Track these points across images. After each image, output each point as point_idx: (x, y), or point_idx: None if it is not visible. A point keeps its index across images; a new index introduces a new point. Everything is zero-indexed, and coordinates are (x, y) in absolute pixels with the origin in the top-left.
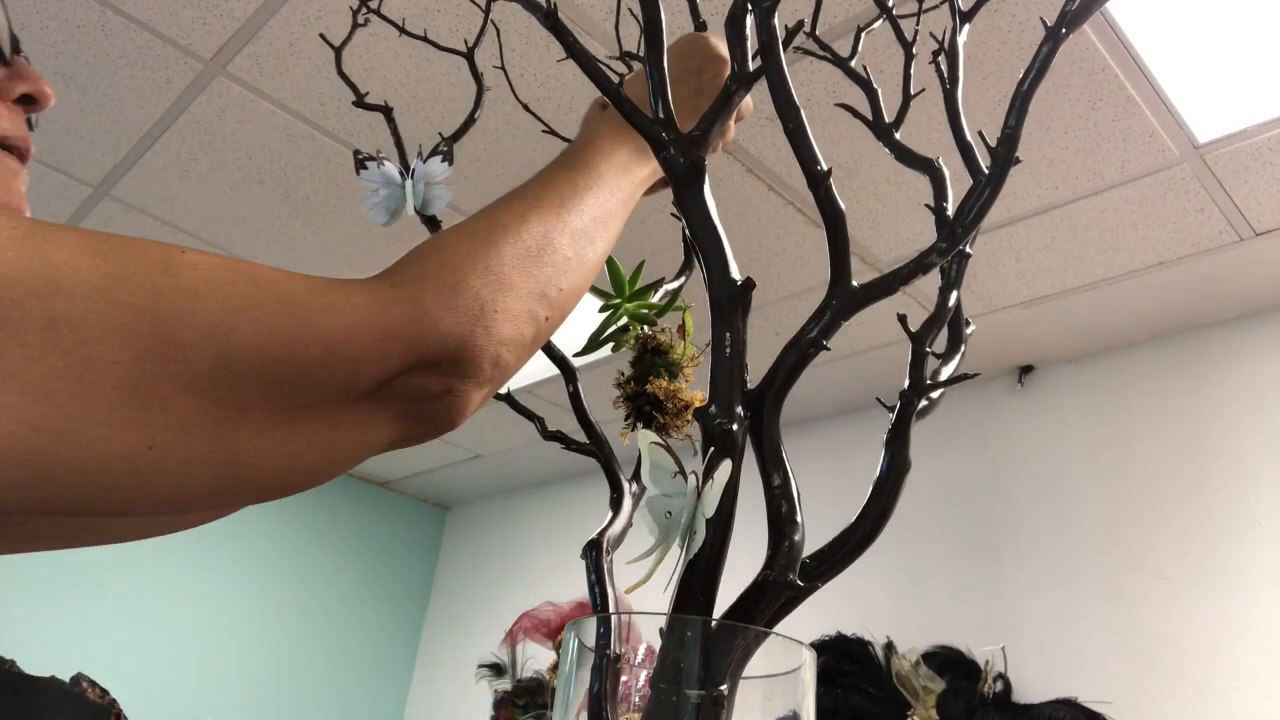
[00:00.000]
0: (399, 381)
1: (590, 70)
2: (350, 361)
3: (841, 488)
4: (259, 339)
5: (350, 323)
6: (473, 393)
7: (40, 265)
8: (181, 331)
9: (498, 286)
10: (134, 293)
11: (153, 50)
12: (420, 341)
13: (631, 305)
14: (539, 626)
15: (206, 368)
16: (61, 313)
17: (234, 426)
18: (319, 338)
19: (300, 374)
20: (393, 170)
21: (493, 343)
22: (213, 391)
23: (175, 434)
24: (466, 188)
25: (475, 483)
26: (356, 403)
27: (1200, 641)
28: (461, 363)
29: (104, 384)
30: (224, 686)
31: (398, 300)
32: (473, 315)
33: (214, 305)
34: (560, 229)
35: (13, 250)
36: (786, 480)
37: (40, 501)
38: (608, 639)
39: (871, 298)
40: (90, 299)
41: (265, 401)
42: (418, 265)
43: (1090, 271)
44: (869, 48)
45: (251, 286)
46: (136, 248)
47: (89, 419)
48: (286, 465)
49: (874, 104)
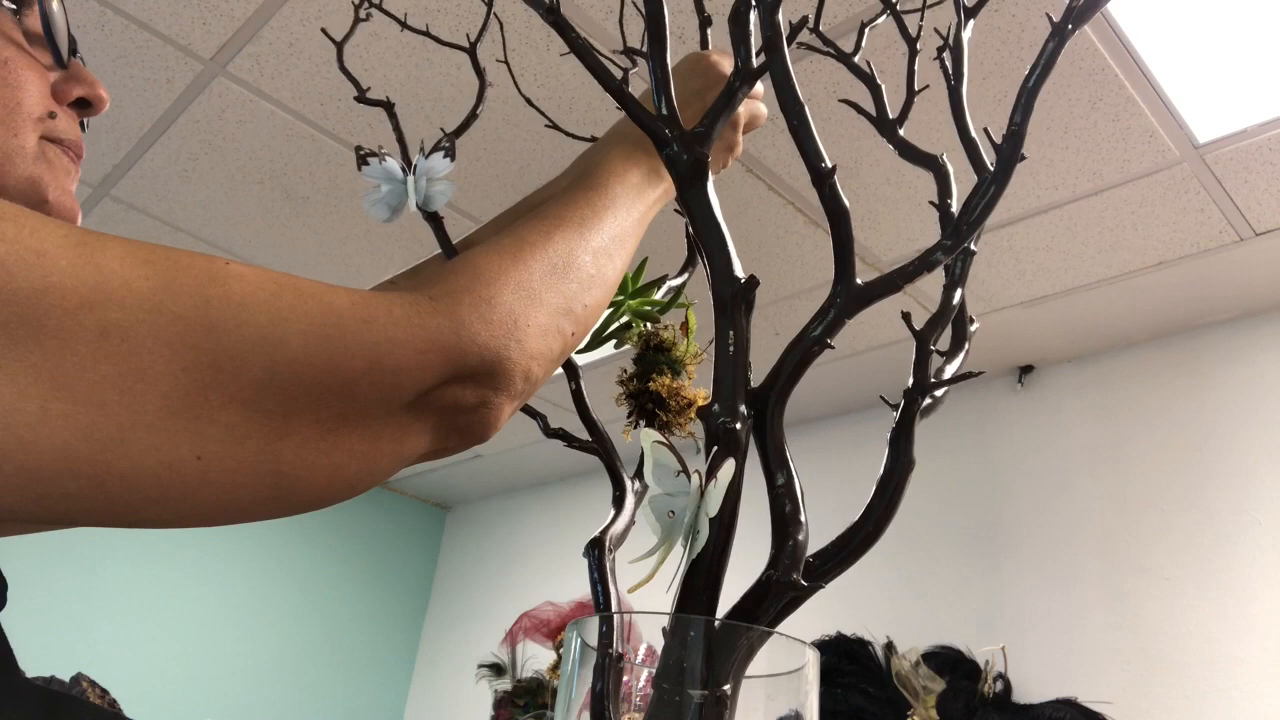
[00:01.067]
0: (436, 393)
1: (592, 65)
2: (393, 373)
3: (845, 487)
4: (307, 351)
5: (393, 335)
6: (505, 405)
7: (92, 275)
8: (231, 342)
9: (529, 302)
10: (184, 303)
11: (153, 50)
12: (458, 354)
13: (634, 302)
14: (539, 626)
15: (255, 378)
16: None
17: (281, 437)
18: (364, 350)
19: (345, 385)
20: (394, 166)
21: (525, 356)
22: (261, 402)
23: (223, 444)
24: (467, 185)
25: (475, 482)
26: (397, 414)
27: (1200, 641)
28: (496, 375)
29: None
30: (224, 686)
31: (436, 314)
32: (506, 329)
33: (262, 317)
34: (583, 247)
35: (65, 259)
36: (790, 479)
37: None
38: (610, 638)
39: (875, 296)
40: (141, 309)
41: (311, 413)
42: (452, 280)
43: (1090, 271)
44: (872, 44)
45: (297, 299)
46: (183, 259)
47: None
48: (329, 476)
49: (878, 100)
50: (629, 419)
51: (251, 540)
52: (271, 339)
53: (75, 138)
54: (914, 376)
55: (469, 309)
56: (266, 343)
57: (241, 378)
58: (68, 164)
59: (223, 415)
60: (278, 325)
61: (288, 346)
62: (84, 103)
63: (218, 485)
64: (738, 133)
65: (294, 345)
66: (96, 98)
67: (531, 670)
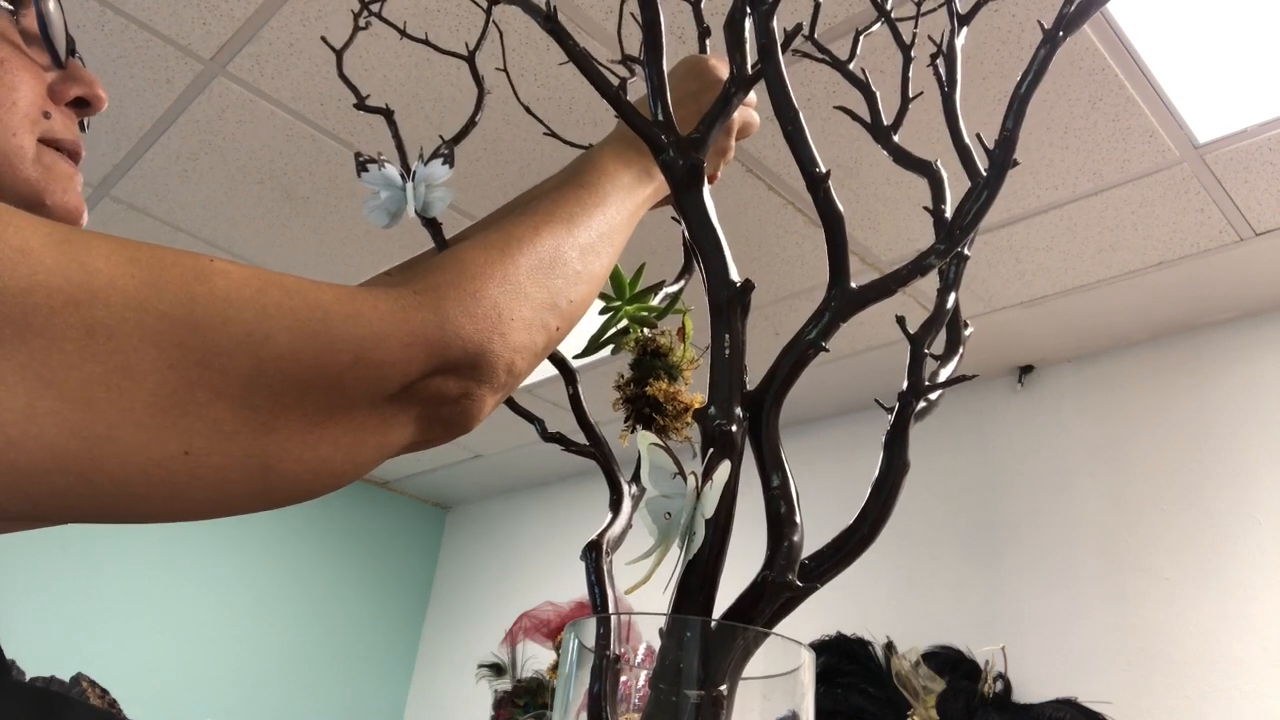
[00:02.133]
0: (420, 385)
1: (590, 73)
2: (378, 367)
3: (841, 488)
4: (293, 346)
5: (378, 329)
6: (488, 397)
7: (78, 273)
8: (217, 339)
9: (514, 296)
10: (170, 301)
11: (153, 50)
12: (442, 346)
13: (631, 308)
14: (539, 626)
15: (242, 374)
16: (99, 320)
17: (268, 431)
18: (349, 344)
19: (332, 379)
20: (393, 172)
21: (508, 349)
22: (248, 397)
23: (211, 439)
24: (467, 189)
25: (475, 483)
26: (381, 406)
27: (1200, 641)
28: (479, 368)
29: (142, 391)
30: (224, 686)
31: (421, 307)
32: (491, 323)
33: (248, 314)
34: (570, 243)
35: (50, 258)
36: (785, 481)
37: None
38: (607, 639)
39: (870, 299)
40: (127, 307)
41: (298, 407)
42: (437, 274)
43: (1090, 271)
44: (867, 50)
45: (283, 295)
46: (168, 256)
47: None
48: (316, 469)
49: (872, 106)
50: (626, 422)
51: (251, 541)
52: (257, 335)
53: (73, 138)
54: (908, 379)
55: (453, 303)
56: (252, 339)
57: (228, 374)
58: (66, 168)
59: (210, 411)
60: (263, 321)
61: (273, 342)
62: (82, 102)
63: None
64: (730, 138)
65: (280, 341)
66: (95, 97)
67: (531, 670)
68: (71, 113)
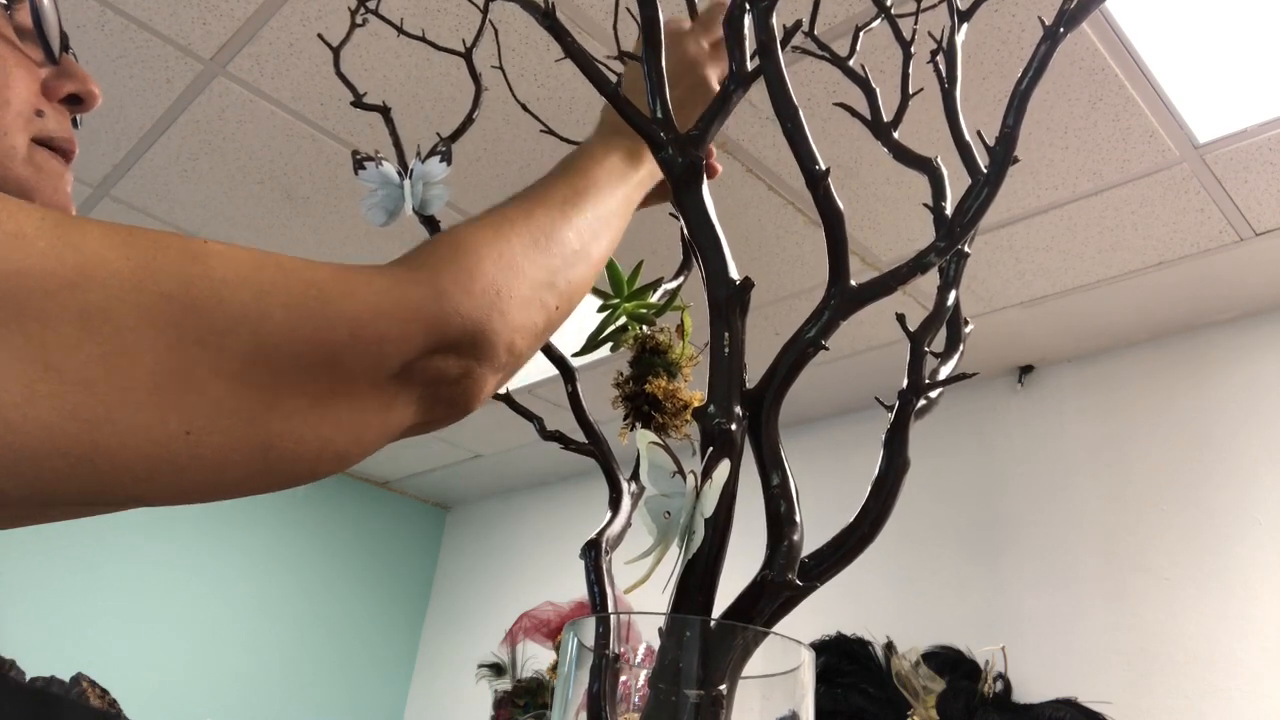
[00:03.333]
0: (420, 364)
1: (588, 70)
2: (376, 343)
3: (840, 487)
4: (290, 323)
5: (375, 305)
6: (489, 377)
7: (72, 256)
8: (215, 318)
9: (511, 273)
10: (165, 282)
11: (153, 50)
12: (440, 322)
13: (630, 305)
14: (539, 626)
15: (241, 353)
16: (95, 303)
17: (269, 409)
18: (346, 321)
19: (330, 356)
20: (391, 170)
21: (508, 328)
22: (248, 376)
23: (212, 419)
24: (465, 187)
25: (475, 483)
26: (382, 386)
27: (1200, 641)
28: (479, 345)
29: (140, 371)
30: (224, 687)
31: (417, 283)
32: (489, 299)
33: (244, 293)
34: (565, 223)
35: (43, 241)
36: (785, 480)
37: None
38: (607, 639)
39: (870, 297)
40: (123, 289)
41: (298, 385)
42: (433, 253)
43: (1090, 271)
44: (867, 47)
45: (279, 273)
46: (162, 238)
47: (127, 406)
48: (318, 449)
49: (872, 104)
50: (625, 421)
51: (252, 540)
52: (254, 313)
53: (67, 135)
54: (909, 378)
55: (450, 279)
56: (250, 317)
57: (227, 353)
58: (58, 168)
59: (210, 390)
60: (260, 300)
61: (271, 320)
62: (75, 99)
63: (208, 460)
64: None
65: (277, 318)
66: (88, 93)
67: (531, 670)
68: (65, 109)
